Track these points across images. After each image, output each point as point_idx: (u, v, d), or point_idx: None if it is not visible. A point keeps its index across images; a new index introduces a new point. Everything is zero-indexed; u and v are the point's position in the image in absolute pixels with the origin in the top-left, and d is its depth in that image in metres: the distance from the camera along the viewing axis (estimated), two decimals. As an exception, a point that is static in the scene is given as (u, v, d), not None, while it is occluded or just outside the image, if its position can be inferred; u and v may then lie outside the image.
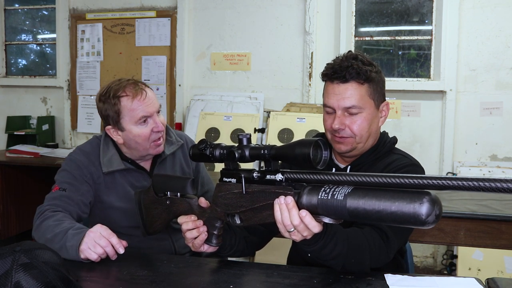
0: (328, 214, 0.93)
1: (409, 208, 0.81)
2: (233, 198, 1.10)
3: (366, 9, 3.74)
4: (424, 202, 0.80)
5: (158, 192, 1.31)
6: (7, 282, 0.92)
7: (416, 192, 0.82)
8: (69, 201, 1.50)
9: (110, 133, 1.59)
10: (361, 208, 0.86)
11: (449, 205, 2.19)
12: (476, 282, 1.14)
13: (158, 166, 1.67)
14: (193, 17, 3.99)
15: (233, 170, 1.12)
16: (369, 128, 1.32)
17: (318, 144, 0.98)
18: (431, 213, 0.80)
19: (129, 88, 1.53)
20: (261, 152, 1.04)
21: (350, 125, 1.30)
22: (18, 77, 4.56)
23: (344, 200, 0.89)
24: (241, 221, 1.11)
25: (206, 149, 1.13)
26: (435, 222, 0.80)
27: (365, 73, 1.28)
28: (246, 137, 1.09)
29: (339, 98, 1.29)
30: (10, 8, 4.59)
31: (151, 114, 1.55)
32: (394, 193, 0.84)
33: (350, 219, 0.90)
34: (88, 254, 1.26)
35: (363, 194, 0.87)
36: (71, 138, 4.32)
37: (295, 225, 0.98)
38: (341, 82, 1.29)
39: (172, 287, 1.13)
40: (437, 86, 3.49)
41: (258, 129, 3.56)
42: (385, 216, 0.84)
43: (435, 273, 3.49)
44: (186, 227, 1.21)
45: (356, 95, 1.29)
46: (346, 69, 1.28)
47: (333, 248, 1.09)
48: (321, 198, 0.93)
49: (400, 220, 0.82)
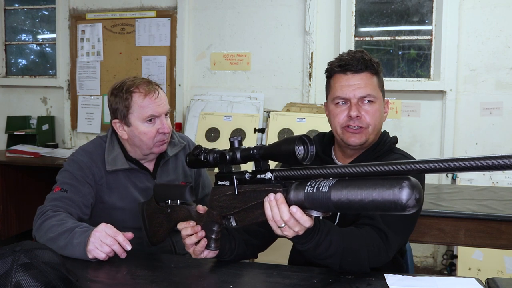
0: (314, 207, 0.95)
1: (389, 194, 0.82)
2: (226, 200, 1.12)
3: (366, 9, 3.74)
4: (403, 186, 0.81)
5: (160, 201, 1.34)
6: (7, 282, 0.93)
7: (396, 178, 0.83)
8: (70, 202, 1.51)
9: (116, 127, 1.60)
10: (345, 198, 0.88)
11: (449, 205, 2.19)
12: (476, 282, 1.14)
13: (161, 167, 1.67)
14: (193, 17, 3.99)
15: (226, 173, 1.13)
16: (380, 120, 1.35)
17: (303, 140, 0.99)
18: (410, 197, 0.81)
19: (143, 85, 1.55)
20: (251, 152, 1.06)
21: (366, 115, 1.31)
22: (18, 77, 4.56)
23: (328, 191, 0.90)
24: (236, 223, 1.12)
25: (200, 154, 1.16)
26: (415, 206, 0.81)
27: (376, 65, 1.33)
28: (237, 140, 1.11)
29: (354, 88, 1.31)
30: (10, 8, 4.59)
31: (160, 115, 1.56)
32: (375, 181, 0.85)
33: (336, 210, 0.91)
34: (96, 254, 1.27)
35: (346, 185, 0.89)
36: (71, 138, 4.32)
37: (285, 220, 0.99)
38: (355, 72, 1.31)
39: (172, 287, 1.13)
40: (437, 86, 3.49)
41: (258, 129, 3.56)
42: (368, 204, 0.85)
43: (435, 273, 3.49)
44: (185, 233, 1.22)
45: (371, 84, 1.32)
46: (360, 60, 1.31)
47: (328, 246, 1.10)
48: (307, 192, 0.94)
49: (382, 206, 0.83)
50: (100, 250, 1.27)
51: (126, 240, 1.30)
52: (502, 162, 0.71)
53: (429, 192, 2.46)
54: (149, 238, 1.38)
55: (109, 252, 1.28)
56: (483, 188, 2.63)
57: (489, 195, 2.42)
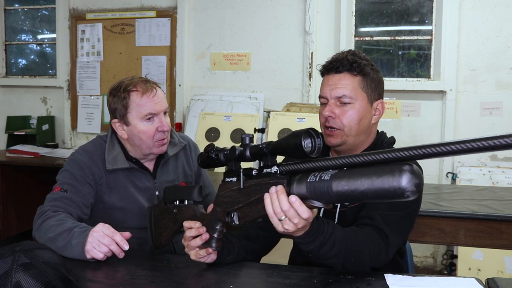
0: (316, 197, 0.95)
1: (388, 180, 0.83)
2: (231, 195, 1.13)
3: (366, 9, 3.74)
4: (404, 171, 0.82)
5: (168, 202, 1.35)
6: (7, 282, 0.93)
7: (397, 164, 0.84)
8: (70, 202, 1.51)
9: (115, 127, 1.60)
10: (346, 186, 0.88)
11: (449, 205, 2.19)
12: (476, 282, 1.14)
13: (161, 167, 1.67)
14: (193, 17, 3.99)
15: (234, 170, 1.14)
16: (359, 122, 1.32)
17: (310, 133, 0.99)
18: (409, 182, 0.81)
19: (140, 84, 1.56)
20: (260, 147, 1.07)
21: (340, 116, 1.32)
22: (18, 77, 4.56)
23: (330, 180, 0.91)
24: (239, 220, 1.13)
25: (212, 152, 1.17)
26: (415, 192, 0.82)
27: (359, 65, 1.31)
28: (248, 137, 1.12)
29: (332, 88, 1.33)
30: (10, 8, 4.59)
31: (158, 113, 1.56)
32: (375, 168, 0.86)
33: (337, 199, 0.92)
34: (94, 254, 1.27)
35: (347, 172, 0.90)
36: (71, 138, 4.32)
37: (284, 210, 0.99)
38: (336, 72, 1.33)
39: (172, 287, 1.13)
40: (437, 86, 3.49)
41: (258, 129, 3.56)
42: (368, 191, 0.86)
43: (435, 273, 3.49)
44: (190, 234, 1.22)
45: (349, 85, 1.31)
46: (341, 60, 1.32)
47: (332, 246, 1.10)
48: (309, 182, 0.95)
49: (382, 193, 0.84)
50: (98, 250, 1.27)
51: (124, 239, 1.30)
52: (498, 143, 0.74)
53: (429, 192, 2.46)
54: (153, 242, 1.39)
55: (107, 252, 1.28)
56: (483, 188, 2.63)
57: (489, 195, 2.42)
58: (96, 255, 1.27)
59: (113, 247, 1.28)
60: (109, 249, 1.28)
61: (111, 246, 1.28)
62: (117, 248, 1.29)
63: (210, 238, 1.20)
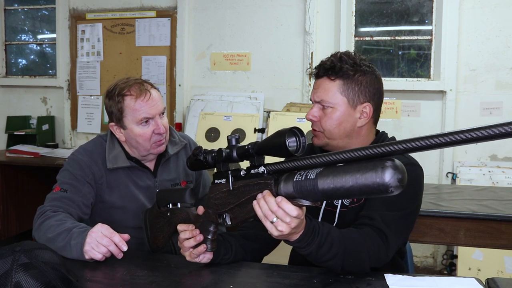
0: (303, 195, 0.95)
1: (372, 177, 0.83)
2: (222, 197, 1.14)
3: (366, 9, 3.73)
4: (386, 166, 0.82)
5: (161, 206, 1.36)
6: (7, 282, 0.92)
7: (380, 160, 0.84)
8: (70, 202, 1.51)
9: (113, 130, 1.61)
10: (331, 184, 0.89)
11: (449, 205, 2.19)
12: (476, 282, 1.14)
13: (162, 166, 1.67)
14: (193, 17, 3.99)
15: (223, 172, 1.15)
16: (338, 126, 1.32)
17: (294, 132, 0.99)
18: (392, 178, 0.81)
19: (134, 87, 1.54)
20: (246, 148, 1.08)
21: (321, 119, 1.34)
22: (18, 77, 4.56)
23: (315, 178, 0.91)
24: (231, 221, 1.13)
25: (200, 155, 1.18)
26: (398, 187, 0.81)
27: (339, 69, 1.29)
28: (234, 138, 1.13)
29: (314, 92, 1.36)
30: (10, 8, 4.59)
31: (153, 116, 1.55)
32: (359, 165, 0.86)
33: (322, 197, 0.92)
34: (92, 255, 1.27)
35: (332, 170, 0.90)
36: (71, 138, 4.32)
37: (273, 211, 0.99)
38: (317, 77, 1.36)
39: (172, 287, 1.13)
40: (437, 86, 3.49)
41: (258, 129, 3.56)
42: (352, 187, 0.86)
43: (435, 273, 3.49)
44: (184, 236, 1.22)
45: (325, 90, 1.32)
46: (322, 65, 1.34)
47: (329, 247, 1.10)
48: (296, 181, 0.95)
49: (367, 189, 0.84)
50: (96, 251, 1.27)
51: (122, 240, 1.30)
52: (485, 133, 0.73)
53: (429, 192, 2.46)
54: (150, 245, 1.39)
55: (105, 252, 1.28)
56: (483, 188, 2.63)
57: (489, 195, 2.42)
58: (95, 256, 1.27)
59: (112, 247, 1.28)
60: (108, 249, 1.28)
61: (109, 247, 1.28)
62: (116, 249, 1.29)
63: (204, 239, 1.20)
